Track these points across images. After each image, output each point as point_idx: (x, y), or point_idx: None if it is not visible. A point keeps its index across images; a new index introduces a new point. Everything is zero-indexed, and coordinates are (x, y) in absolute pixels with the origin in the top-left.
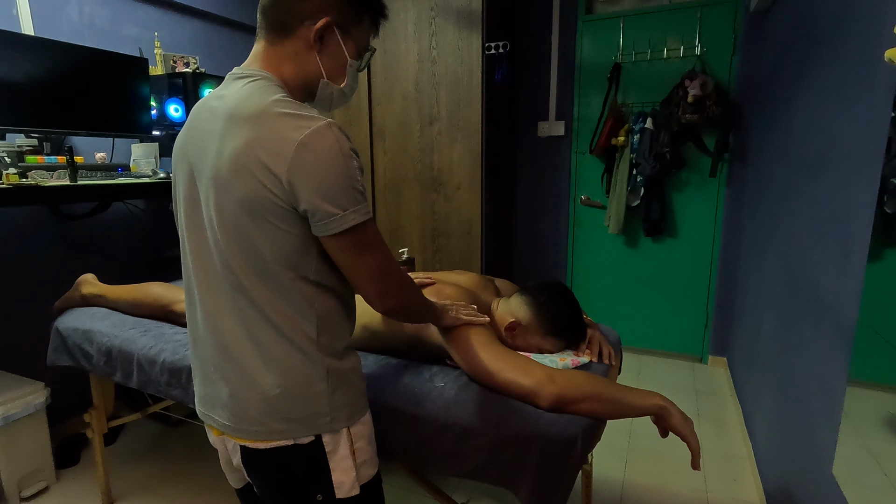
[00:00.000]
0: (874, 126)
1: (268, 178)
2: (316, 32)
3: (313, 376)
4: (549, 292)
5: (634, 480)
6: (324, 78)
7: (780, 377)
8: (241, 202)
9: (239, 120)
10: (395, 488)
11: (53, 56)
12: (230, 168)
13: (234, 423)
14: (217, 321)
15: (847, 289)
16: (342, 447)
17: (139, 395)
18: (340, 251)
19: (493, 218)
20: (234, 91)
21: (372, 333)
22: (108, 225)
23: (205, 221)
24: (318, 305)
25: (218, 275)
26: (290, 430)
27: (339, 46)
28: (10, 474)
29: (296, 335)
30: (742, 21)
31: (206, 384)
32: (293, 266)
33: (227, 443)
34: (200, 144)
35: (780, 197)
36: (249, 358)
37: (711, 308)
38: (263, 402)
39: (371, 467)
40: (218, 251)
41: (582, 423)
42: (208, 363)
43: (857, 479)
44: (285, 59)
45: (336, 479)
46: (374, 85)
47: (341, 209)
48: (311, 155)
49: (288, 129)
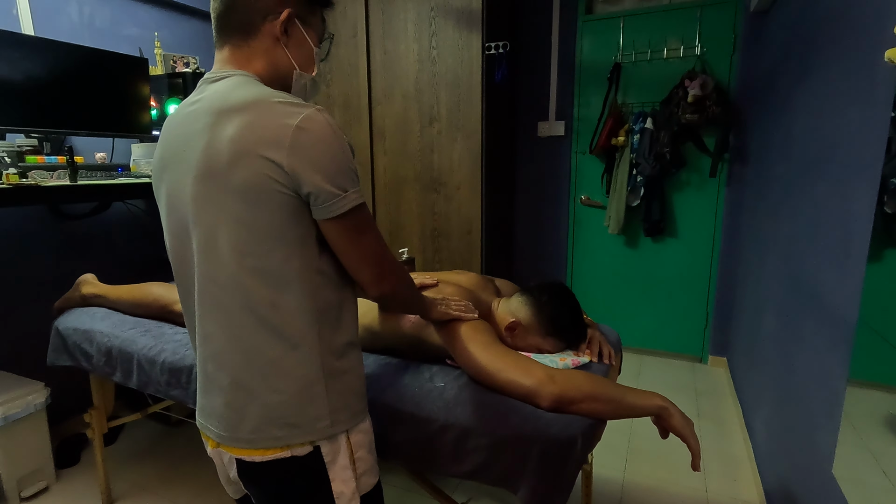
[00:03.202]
0: (874, 126)
1: (268, 167)
2: (281, 25)
3: (310, 378)
4: (550, 292)
5: (634, 480)
6: (296, 69)
7: (781, 377)
8: (240, 191)
9: (229, 111)
10: (395, 488)
11: (53, 56)
12: (227, 157)
13: (230, 432)
14: (206, 329)
15: (847, 289)
16: (342, 457)
17: (139, 395)
18: (339, 234)
19: (493, 218)
20: (213, 90)
21: (372, 334)
22: (108, 225)
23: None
24: (319, 297)
25: (203, 282)
26: (289, 436)
27: (303, 36)
28: (10, 474)
29: (294, 333)
30: (742, 21)
31: (203, 394)
32: (295, 255)
33: (222, 456)
34: (179, 149)
35: (781, 197)
36: (241, 364)
37: (711, 308)
38: (260, 409)
39: (372, 476)
40: (212, 248)
41: (582, 424)
42: (202, 372)
43: (857, 479)
44: (254, 57)
45: (336, 489)
46: (374, 85)
47: (342, 190)
48: (308, 137)
49: (282, 115)
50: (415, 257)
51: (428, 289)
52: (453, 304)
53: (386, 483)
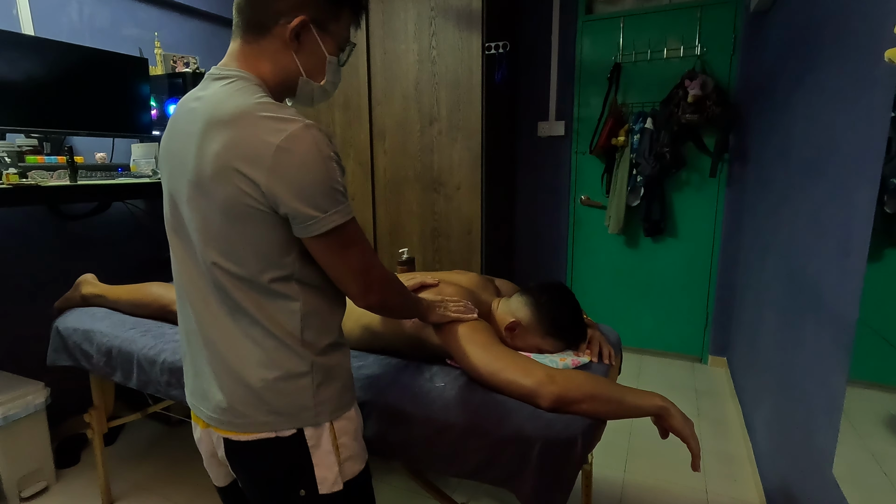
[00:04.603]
0: (874, 126)
1: (246, 184)
2: (291, 31)
3: (298, 371)
4: (550, 293)
5: (634, 480)
6: (303, 76)
7: (780, 377)
8: (221, 206)
9: (217, 123)
10: (395, 488)
11: (53, 56)
12: (210, 172)
13: (220, 414)
14: (203, 317)
15: (847, 289)
16: (325, 442)
17: (139, 395)
18: (321, 251)
19: (493, 218)
20: (212, 92)
21: (373, 334)
22: (108, 225)
23: (185, 221)
24: (302, 303)
25: (202, 273)
26: (275, 422)
27: (316, 44)
28: (10, 474)
29: (280, 332)
30: (742, 21)
31: (195, 377)
32: (275, 266)
33: (212, 435)
34: (180, 145)
35: (781, 197)
36: (235, 353)
37: (711, 308)
38: (249, 394)
39: (356, 463)
40: (200, 250)
41: (582, 424)
42: (197, 357)
43: (857, 479)
44: (262, 57)
45: (319, 474)
46: (374, 85)
47: (321, 211)
48: (289, 159)
49: (266, 132)
50: (414, 257)
51: (429, 289)
52: (451, 306)
53: (386, 483)
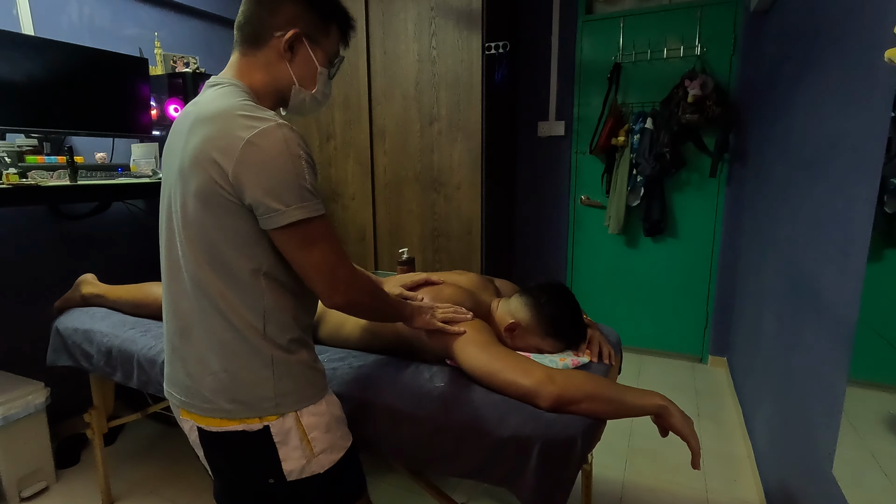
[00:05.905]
0: (874, 126)
1: (217, 173)
2: (285, 43)
3: (258, 364)
4: (550, 293)
5: (634, 480)
6: (295, 85)
7: (780, 377)
8: (196, 194)
9: (202, 120)
10: (395, 488)
11: (53, 56)
12: (189, 161)
13: (189, 398)
14: (178, 305)
15: (847, 289)
16: (292, 438)
17: (139, 395)
18: (284, 245)
19: (493, 218)
20: (205, 97)
21: (372, 334)
22: (108, 225)
23: (171, 213)
24: (267, 298)
25: (179, 262)
26: (237, 410)
27: (308, 55)
28: (10, 474)
29: (241, 324)
30: (742, 21)
31: (170, 363)
32: (245, 257)
33: (185, 422)
34: (173, 142)
35: (780, 197)
36: (202, 341)
37: (711, 308)
38: (214, 382)
39: (334, 452)
40: (179, 241)
41: (582, 423)
42: (170, 343)
43: (857, 479)
44: (256, 68)
45: (286, 468)
46: (374, 85)
47: (284, 204)
48: (256, 153)
49: (239, 128)
50: (414, 257)
51: (430, 287)
52: (439, 313)
53: (386, 483)
